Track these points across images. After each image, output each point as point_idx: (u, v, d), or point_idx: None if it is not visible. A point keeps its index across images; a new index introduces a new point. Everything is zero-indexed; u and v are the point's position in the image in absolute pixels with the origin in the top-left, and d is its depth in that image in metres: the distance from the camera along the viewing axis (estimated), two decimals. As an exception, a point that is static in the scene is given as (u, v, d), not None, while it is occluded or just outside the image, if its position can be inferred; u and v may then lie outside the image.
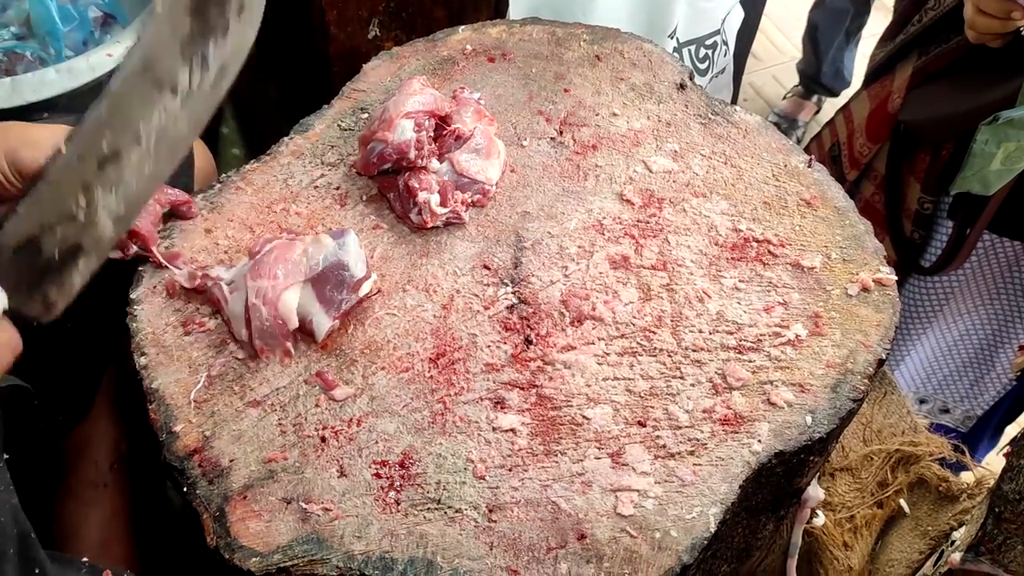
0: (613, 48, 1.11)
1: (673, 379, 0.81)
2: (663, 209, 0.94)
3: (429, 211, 0.90)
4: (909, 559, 1.01)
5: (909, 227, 1.42)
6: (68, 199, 0.66)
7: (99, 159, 0.67)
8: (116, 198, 0.69)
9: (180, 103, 0.70)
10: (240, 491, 0.74)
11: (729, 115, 1.03)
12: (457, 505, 0.74)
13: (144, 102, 0.68)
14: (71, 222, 0.67)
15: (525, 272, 0.88)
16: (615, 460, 0.76)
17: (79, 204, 0.67)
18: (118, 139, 0.68)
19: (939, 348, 1.55)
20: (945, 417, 1.60)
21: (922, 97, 1.36)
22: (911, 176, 1.41)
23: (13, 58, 1.30)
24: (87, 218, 0.68)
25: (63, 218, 0.66)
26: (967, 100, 1.27)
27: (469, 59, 1.10)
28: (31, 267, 0.66)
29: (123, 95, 0.67)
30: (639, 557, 0.71)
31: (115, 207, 0.69)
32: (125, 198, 0.69)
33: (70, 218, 0.67)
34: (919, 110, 1.35)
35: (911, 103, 1.37)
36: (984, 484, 1.02)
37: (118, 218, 0.70)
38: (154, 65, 0.68)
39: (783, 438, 0.78)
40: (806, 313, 0.86)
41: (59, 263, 0.67)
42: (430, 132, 0.94)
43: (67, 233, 0.67)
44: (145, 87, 0.68)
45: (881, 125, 1.44)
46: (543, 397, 0.80)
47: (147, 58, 0.67)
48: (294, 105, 1.69)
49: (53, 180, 0.65)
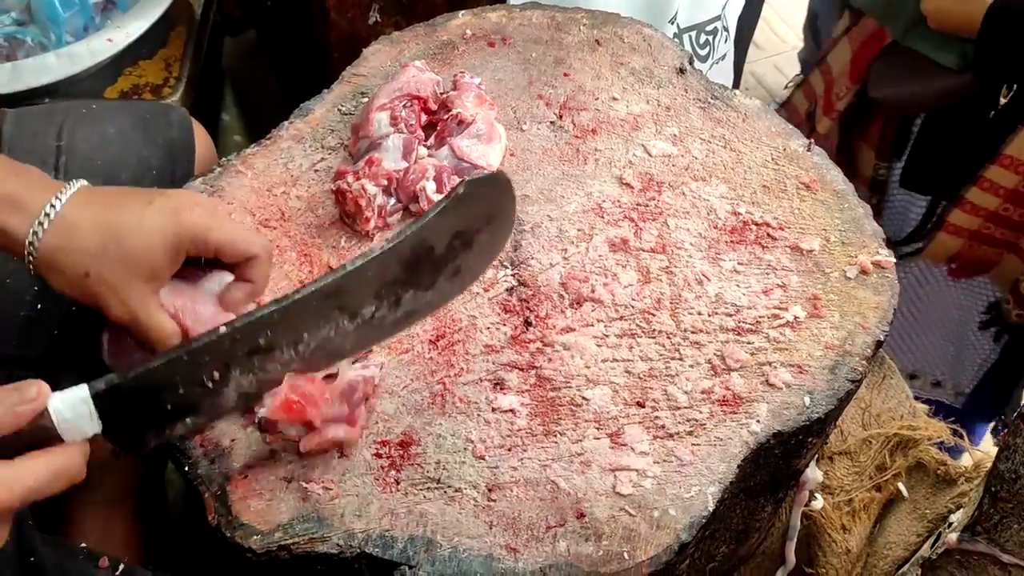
0: (613, 33, 1.11)
1: (672, 360, 0.82)
2: (662, 192, 0.94)
3: (426, 198, 0.90)
4: (907, 542, 1.02)
5: (866, 193, 1.44)
6: (205, 371, 0.66)
7: (251, 349, 0.67)
8: (251, 380, 0.69)
9: (354, 327, 0.71)
10: (241, 470, 0.75)
11: (728, 99, 1.04)
12: (457, 484, 0.74)
13: (319, 318, 0.69)
14: (198, 387, 0.66)
15: (525, 255, 0.89)
16: (614, 440, 0.77)
17: (213, 377, 0.67)
18: (278, 339, 0.68)
19: (916, 319, 1.57)
20: (938, 392, 1.62)
21: (888, 69, 1.38)
22: (863, 143, 1.43)
23: (14, 44, 1.30)
24: (215, 388, 0.67)
25: (191, 383, 0.66)
26: (938, 77, 1.30)
27: (469, 44, 1.10)
28: (140, 411, 0.65)
29: (302, 307, 0.68)
30: (638, 535, 0.71)
31: (247, 387, 0.69)
32: (260, 383, 0.69)
33: (199, 385, 0.66)
34: (887, 86, 1.38)
35: (878, 76, 1.40)
36: (982, 468, 1.02)
37: (247, 395, 0.69)
38: (345, 295, 0.69)
39: (781, 419, 0.78)
40: (805, 295, 0.86)
41: (169, 416, 0.67)
42: (410, 118, 0.94)
43: (189, 395, 0.66)
44: (326, 308, 0.69)
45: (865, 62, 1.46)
46: (542, 378, 0.80)
47: (341, 288, 0.69)
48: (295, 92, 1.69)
49: (198, 351, 0.65)
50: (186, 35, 1.44)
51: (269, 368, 0.69)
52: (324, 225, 0.92)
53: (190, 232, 0.73)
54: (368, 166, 0.90)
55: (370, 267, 0.69)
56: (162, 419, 0.66)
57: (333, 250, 0.90)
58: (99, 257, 0.71)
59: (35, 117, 1.03)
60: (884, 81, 1.39)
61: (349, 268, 0.69)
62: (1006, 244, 1.47)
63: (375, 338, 0.73)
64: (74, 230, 0.71)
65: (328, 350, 0.71)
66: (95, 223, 0.71)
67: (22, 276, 0.93)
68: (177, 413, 0.67)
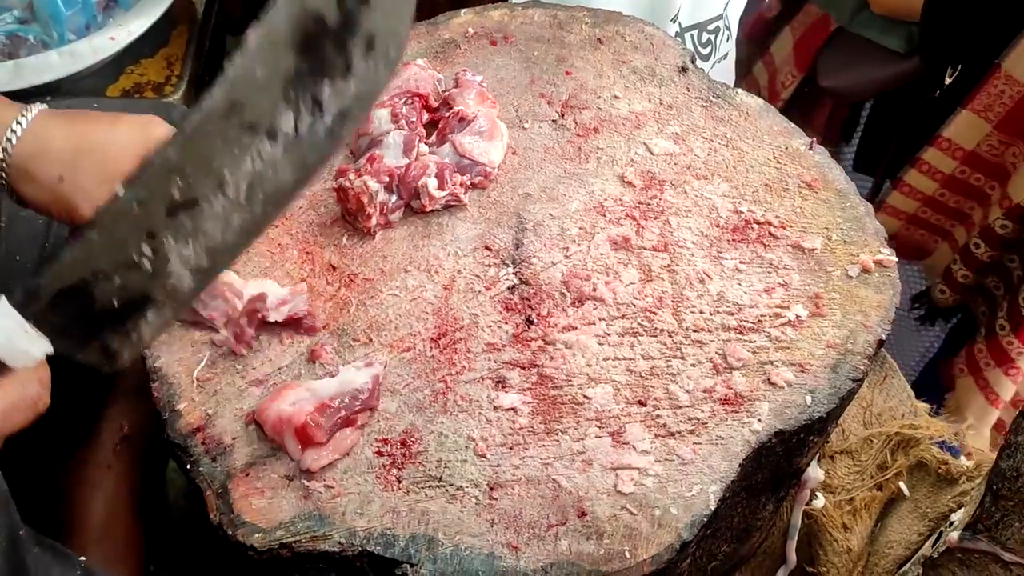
0: (615, 31, 1.11)
1: (674, 359, 0.82)
2: (664, 191, 0.94)
3: (427, 195, 0.90)
4: (908, 541, 1.02)
5: None
6: (127, 247, 0.60)
7: (168, 206, 0.60)
8: (195, 249, 0.62)
9: (282, 149, 0.62)
10: (243, 468, 0.75)
11: (731, 98, 1.04)
12: (458, 483, 0.74)
13: (229, 146, 0.60)
14: (133, 271, 0.61)
15: (526, 253, 0.89)
16: (615, 439, 0.77)
17: (143, 253, 0.60)
18: (193, 185, 0.60)
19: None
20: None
21: (836, 57, 1.40)
22: (809, 130, 1.46)
23: (16, 41, 1.30)
24: (155, 268, 0.61)
25: (120, 266, 0.60)
26: (886, 62, 1.32)
27: (471, 42, 1.10)
28: (83, 315, 0.61)
29: (200, 138, 0.60)
30: (639, 534, 0.71)
31: (195, 258, 0.62)
32: (207, 249, 0.62)
33: (131, 266, 0.61)
34: (837, 74, 1.40)
35: (826, 65, 1.41)
36: (983, 467, 1.02)
37: (199, 269, 0.63)
38: (243, 107, 0.59)
39: (783, 417, 0.78)
40: (807, 294, 0.86)
41: (121, 313, 0.62)
42: (411, 115, 0.94)
43: (128, 282, 0.61)
44: (231, 130, 0.60)
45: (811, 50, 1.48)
46: (544, 377, 0.80)
47: (233, 99, 0.59)
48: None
49: (107, 225, 0.59)
50: (188, 34, 1.44)
51: (206, 227, 0.61)
52: (326, 223, 0.92)
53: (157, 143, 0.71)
54: (369, 163, 0.90)
55: (251, 63, 0.58)
56: (114, 318, 0.61)
57: (335, 248, 0.90)
58: (72, 163, 0.72)
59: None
60: (833, 69, 1.41)
61: (228, 71, 0.58)
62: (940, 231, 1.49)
63: (316, 156, 0.64)
64: (46, 139, 0.72)
65: (268, 189, 0.62)
66: (68, 132, 0.73)
67: (25, 273, 0.93)
68: (128, 309, 0.61)
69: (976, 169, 1.40)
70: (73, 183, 0.71)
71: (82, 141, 0.73)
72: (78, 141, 0.72)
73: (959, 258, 1.49)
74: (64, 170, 0.71)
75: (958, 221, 1.49)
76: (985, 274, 1.49)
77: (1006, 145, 1.36)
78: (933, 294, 1.57)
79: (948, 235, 1.52)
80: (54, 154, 0.72)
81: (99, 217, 0.60)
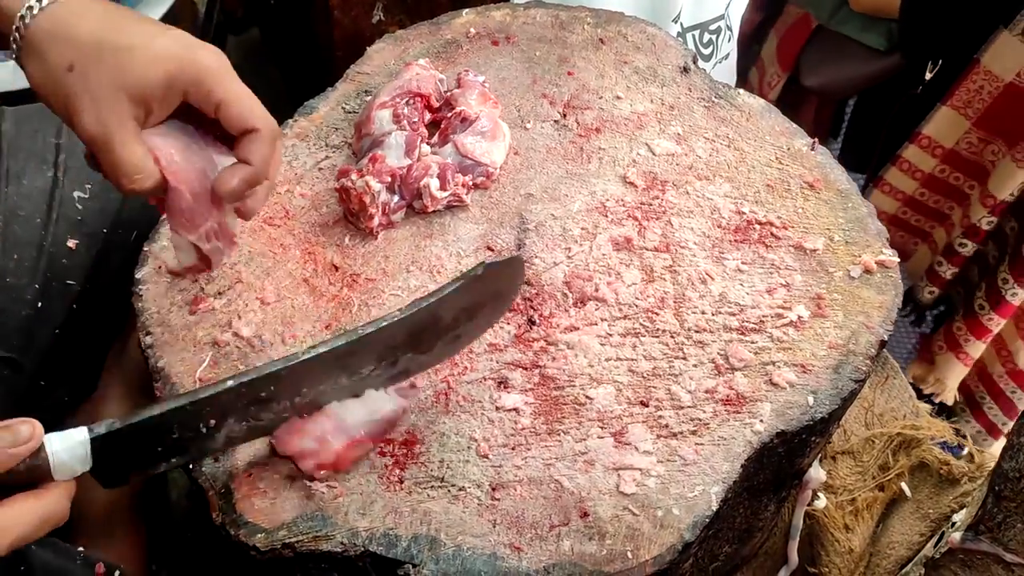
0: (617, 31, 1.11)
1: (676, 359, 0.82)
2: (666, 191, 0.94)
3: (429, 195, 0.90)
4: (910, 541, 1.02)
5: None
6: (203, 419, 0.67)
7: (251, 400, 0.68)
8: (242, 427, 0.70)
9: (349, 383, 0.73)
10: (245, 469, 0.75)
11: (732, 98, 1.04)
12: (460, 483, 0.74)
13: (322, 375, 0.70)
14: (192, 433, 0.67)
15: (528, 253, 0.89)
16: (618, 439, 0.77)
17: (209, 424, 0.67)
18: (279, 393, 0.69)
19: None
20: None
21: (818, 55, 1.40)
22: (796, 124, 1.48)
23: (17, 41, 1.29)
24: (208, 433, 0.68)
25: (188, 430, 0.67)
26: (867, 59, 1.32)
27: (473, 42, 1.10)
28: (132, 452, 0.66)
29: (310, 365, 0.69)
30: (641, 534, 0.71)
31: (237, 432, 0.70)
32: (250, 428, 0.70)
33: (194, 431, 0.67)
34: (819, 73, 1.40)
35: (808, 64, 1.42)
36: (985, 468, 1.02)
37: (235, 439, 0.71)
38: (351, 357, 0.71)
39: (785, 418, 0.78)
40: (809, 295, 0.86)
41: (158, 456, 0.67)
42: (413, 115, 0.94)
43: (183, 439, 0.67)
44: (332, 367, 0.71)
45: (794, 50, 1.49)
46: (546, 377, 0.80)
47: (350, 351, 0.70)
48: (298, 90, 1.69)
49: (202, 402, 0.66)
50: (189, 33, 1.44)
51: (263, 417, 0.70)
52: (328, 223, 0.92)
53: (195, 70, 0.66)
54: (371, 163, 0.90)
55: (381, 334, 0.71)
56: (151, 460, 0.67)
57: (337, 248, 0.90)
58: (91, 56, 0.62)
59: (35, 115, 1.03)
60: (815, 68, 1.42)
61: (361, 334, 0.70)
62: (920, 233, 1.50)
63: (362, 389, 0.75)
64: (74, 20, 0.62)
65: (319, 401, 0.73)
66: (101, 20, 0.63)
67: (23, 273, 0.93)
68: (166, 454, 0.68)
69: (955, 168, 1.40)
70: (83, 78, 0.62)
71: (111, 36, 0.63)
72: (107, 35, 0.63)
73: (943, 259, 1.50)
74: (78, 60, 0.62)
75: (938, 222, 1.50)
76: (969, 267, 1.50)
77: (985, 143, 1.37)
78: (920, 296, 1.58)
79: (928, 236, 1.53)
80: (73, 39, 0.62)
81: (199, 395, 0.66)
